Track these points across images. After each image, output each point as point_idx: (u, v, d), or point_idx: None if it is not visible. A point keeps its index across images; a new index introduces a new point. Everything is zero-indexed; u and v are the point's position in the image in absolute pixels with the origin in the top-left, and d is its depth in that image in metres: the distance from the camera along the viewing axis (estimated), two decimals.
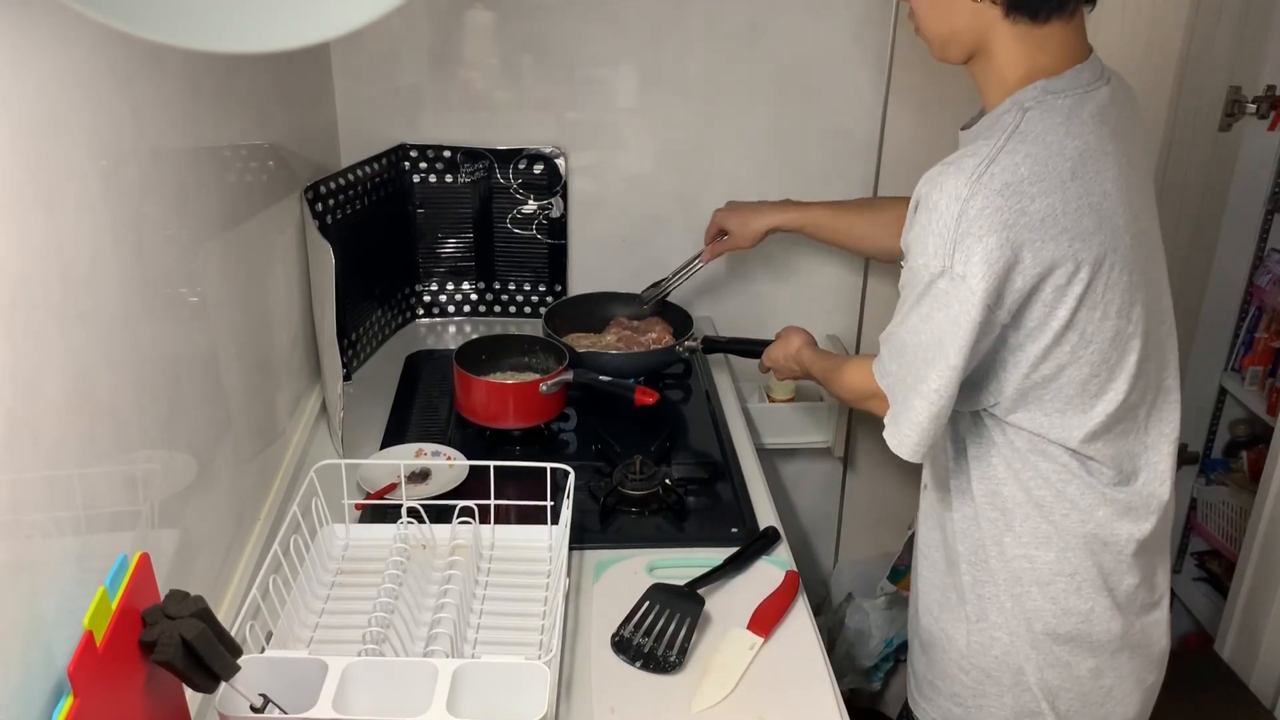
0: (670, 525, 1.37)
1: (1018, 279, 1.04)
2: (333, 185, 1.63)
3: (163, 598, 0.84)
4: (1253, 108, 2.02)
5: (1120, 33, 1.78)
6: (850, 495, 2.19)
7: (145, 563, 0.85)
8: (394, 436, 1.56)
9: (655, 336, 1.77)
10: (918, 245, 1.07)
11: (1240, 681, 1.97)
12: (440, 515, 1.26)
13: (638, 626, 1.16)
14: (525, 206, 1.91)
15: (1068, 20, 1.08)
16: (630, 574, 1.27)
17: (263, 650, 1.02)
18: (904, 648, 2.04)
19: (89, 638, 0.74)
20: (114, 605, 0.78)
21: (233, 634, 0.87)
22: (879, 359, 1.18)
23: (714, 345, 1.79)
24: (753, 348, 1.76)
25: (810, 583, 1.29)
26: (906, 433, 1.12)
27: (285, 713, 0.92)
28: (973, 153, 1.06)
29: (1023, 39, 1.08)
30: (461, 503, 1.25)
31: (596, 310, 1.86)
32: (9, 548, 0.69)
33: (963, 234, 1.02)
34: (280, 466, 1.42)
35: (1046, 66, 1.09)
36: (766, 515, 1.40)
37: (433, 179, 1.88)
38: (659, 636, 1.14)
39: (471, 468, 1.42)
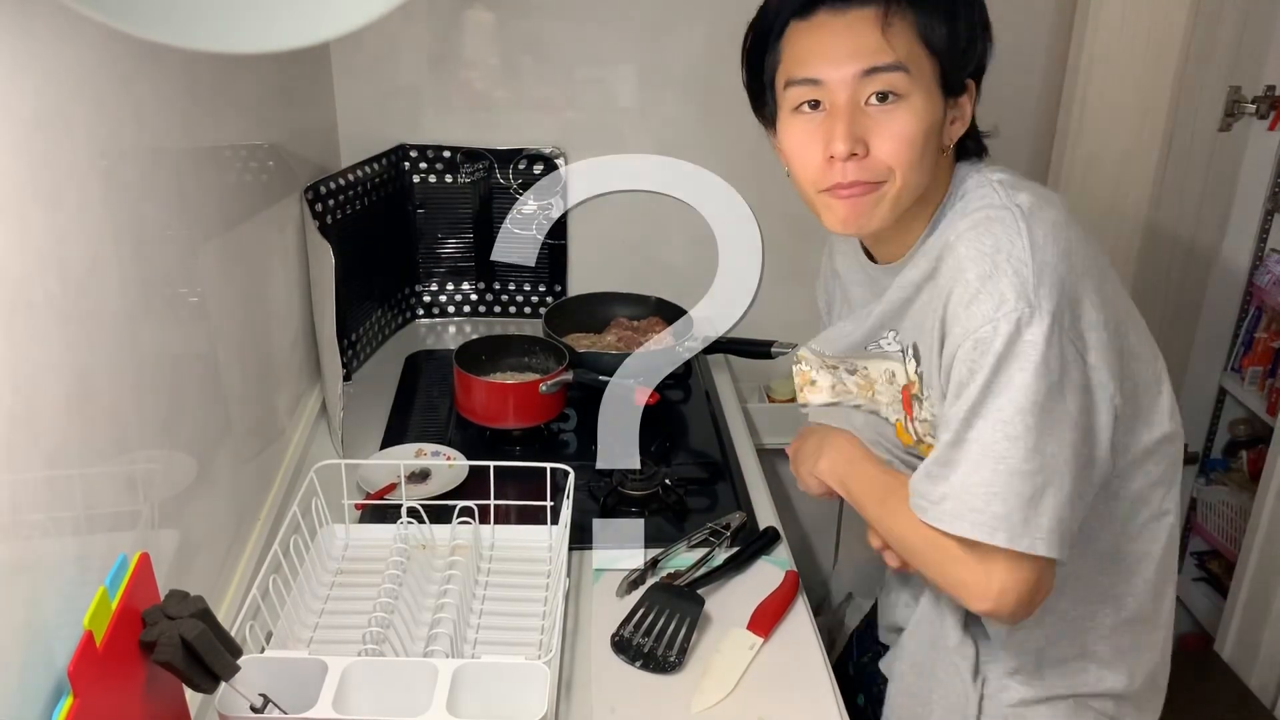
0: (670, 525, 1.37)
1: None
2: (333, 185, 1.63)
3: (163, 598, 0.84)
4: (1252, 108, 2.02)
5: (1120, 33, 1.78)
6: None
7: (145, 563, 0.85)
8: (394, 436, 1.56)
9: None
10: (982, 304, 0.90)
11: (1240, 681, 1.97)
12: (440, 515, 1.26)
13: (637, 626, 1.16)
14: (525, 206, 1.90)
15: None
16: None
17: (263, 650, 1.01)
18: None
19: (89, 638, 0.73)
20: (114, 605, 0.78)
21: (233, 634, 0.87)
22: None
23: (714, 345, 1.79)
24: (753, 348, 1.76)
25: (810, 583, 1.29)
26: None
27: (285, 713, 0.92)
28: (984, 205, 0.95)
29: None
30: (461, 503, 1.25)
31: (596, 310, 1.86)
32: (9, 548, 0.69)
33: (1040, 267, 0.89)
34: (280, 466, 1.42)
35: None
36: (766, 515, 1.40)
37: (433, 179, 1.88)
38: (659, 636, 1.14)
39: (471, 468, 1.41)
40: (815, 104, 0.96)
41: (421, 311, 1.98)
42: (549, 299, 1.96)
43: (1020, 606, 0.93)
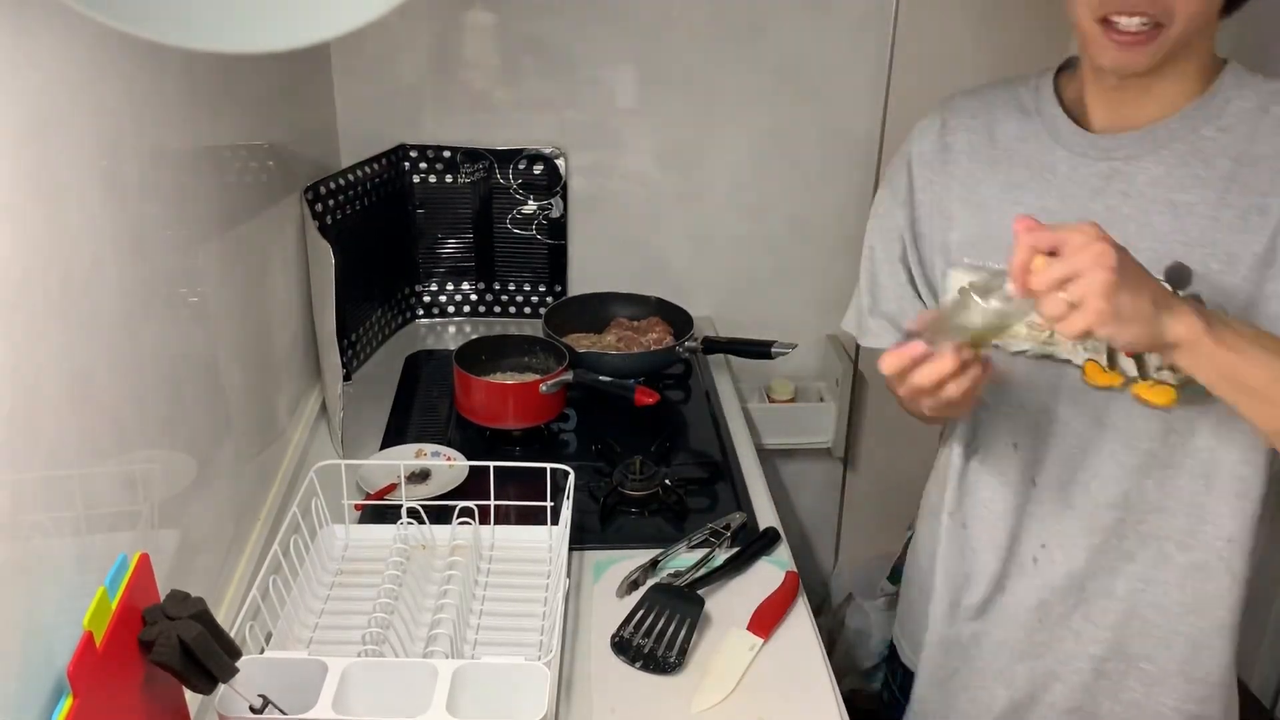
0: (670, 525, 1.37)
1: None
2: (333, 185, 1.63)
3: (163, 598, 0.84)
4: None
5: None
6: (850, 495, 2.19)
7: (145, 563, 0.85)
8: (394, 437, 1.56)
9: (655, 337, 1.77)
10: None
11: (1240, 681, 1.97)
12: (440, 516, 1.26)
13: (637, 627, 1.16)
14: (525, 206, 1.91)
15: None
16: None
17: (262, 651, 1.01)
18: None
19: (89, 638, 0.73)
20: (114, 605, 0.78)
21: (232, 634, 0.87)
22: None
23: (714, 345, 1.79)
24: (753, 348, 1.76)
25: (810, 583, 1.29)
26: None
27: (285, 713, 0.92)
28: None
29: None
30: (461, 503, 1.25)
31: (596, 310, 1.86)
32: (9, 548, 0.69)
33: None
34: (280, 466, 1.42)
35: None
36: (766, 515, 1.40)
37: (433, 179, 1.88)
38: (659, 637, 1.14)
39: (471, 468, 1.41)
40: None
41: (421, 311, 1.98)
42: (549, 299, 1.96)
43: None
